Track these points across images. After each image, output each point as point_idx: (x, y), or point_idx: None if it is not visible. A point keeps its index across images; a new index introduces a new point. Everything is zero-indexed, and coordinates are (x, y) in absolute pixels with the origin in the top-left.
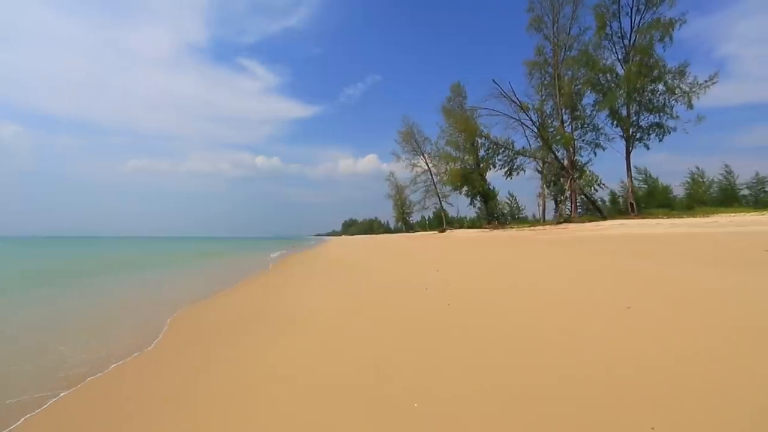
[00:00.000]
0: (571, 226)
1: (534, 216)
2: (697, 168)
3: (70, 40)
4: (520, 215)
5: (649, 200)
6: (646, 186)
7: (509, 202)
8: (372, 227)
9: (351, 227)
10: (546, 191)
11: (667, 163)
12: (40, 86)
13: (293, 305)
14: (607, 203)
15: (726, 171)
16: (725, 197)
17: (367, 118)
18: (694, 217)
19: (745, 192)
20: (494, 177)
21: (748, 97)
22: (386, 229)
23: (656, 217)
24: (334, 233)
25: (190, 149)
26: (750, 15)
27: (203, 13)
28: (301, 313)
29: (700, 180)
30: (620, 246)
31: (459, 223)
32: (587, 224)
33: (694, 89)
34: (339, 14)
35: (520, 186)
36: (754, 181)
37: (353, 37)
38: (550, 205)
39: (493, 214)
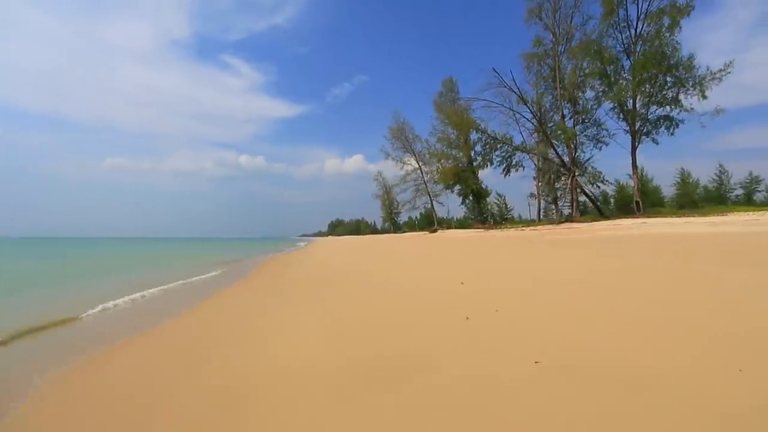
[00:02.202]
0: (577, 225)
1: (520, 216)
2: (683, 169)
3: (39, 31)
4: (508, 215)
5: (642, 199)
6: (639, 185)
7: (498, 202)
8: (359, 228)
9: (338, 228)
10: (542, 190)
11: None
12: (4, 78)
13: (258, 357)
14: (599, 202)
15: (720, 170)
16: (718, 196)
17: (353, 119)
18: (705, 216)
19: (739, 192)
20: (484, 176)
21: (715, 105)
22: (373, 230)
23: (664, 215)
24: (320, 234)
25: (173, 148)
26: (718, 28)
27: (187, 8)
28: (266, 383)
29: (688, 180)
30: (677, 248)
31: (447, 224)
32: (596, 224)
33: (706, 80)
34: (326, 13)
35: (506, 186)
36: (747, 180)
37: (340, 37)
38: (541, 204)
39: (484, 214)
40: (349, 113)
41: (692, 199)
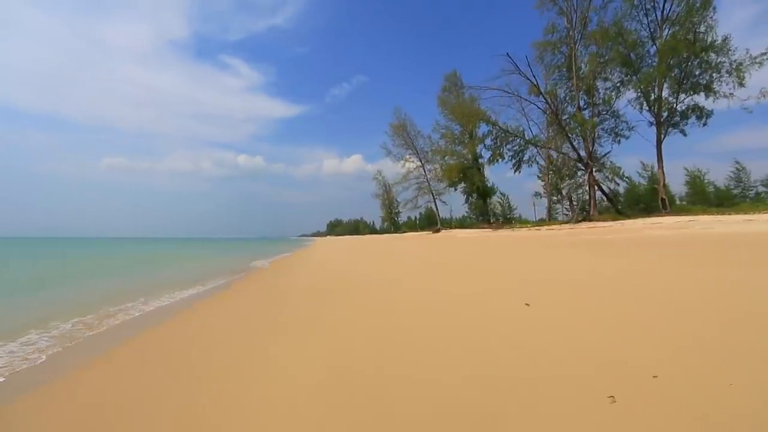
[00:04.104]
0: (602, 224)
1: (520, 216)
2: (686, 168)
3: (39, 31)
4: (511, 215)
5: (653, 198)
6: (646, 183)
7: (501, 201)
8: (358, 228)
9: (336, 228)
10: (551, 187)
11: (636, 167)
12: (4, 78)
13: None
14: (604, 201)
15: (738, 168)
16: (731, 195)
17: (352, 119)
18: (744, 213)
19: (760, 189)
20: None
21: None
22: (372, 230)
23: (695, 213)
24: (318, 234)
25: (171, 148)
26: (721, 25)
27: (186, 8)
28: None
29: (700, 179)
30: None
31: (448, 224)
32: (628, 222)
33: (743, 65)
34: (325, 14)
35: (505, 186)
36: None
37: (339, 37)
38: (543, 203)
39: (489, 213)
40: (347, 113)
41: (705, 198)
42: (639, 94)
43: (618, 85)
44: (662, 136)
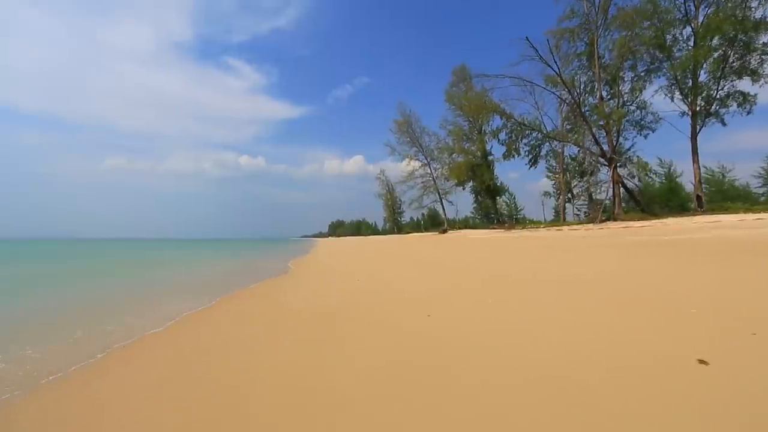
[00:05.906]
0: (638, 224)
1: (524, 216)
2: (706, 168)
3: (39, 31)
4: (517, 215)
5: (671, 197)
6: (664, 180)
7: (507, 201)
8: (360, 229)
9: (338, 228)
10: (564, 185)
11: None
12: (4, 78)
13: None
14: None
15: None
16: (764, 194)
17: (354, 120)
18: None
19: None
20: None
21: None
22: (374, 231)
23: (735, 212)
24: (320, 234)
25: (172, 149)
26: None
27: (189, 10)
28: None
29: (718, 179)
30: None
31: (452, 225)
32: (670, 220)
33: None
34: (328, 15)
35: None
36: None
37: (342, 39)
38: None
39: (497, 213)
40: (349, 114)
41: (727, 196)
42: (672, 81)
43: (644, 73)
44: (698, 127)
